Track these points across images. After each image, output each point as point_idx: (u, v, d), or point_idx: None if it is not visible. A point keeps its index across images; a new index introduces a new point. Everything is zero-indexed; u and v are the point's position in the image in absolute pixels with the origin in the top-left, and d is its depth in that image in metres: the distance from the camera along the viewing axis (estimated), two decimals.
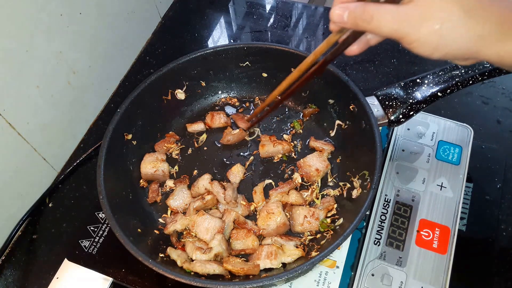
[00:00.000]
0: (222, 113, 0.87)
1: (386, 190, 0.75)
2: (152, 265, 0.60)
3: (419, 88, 0.73)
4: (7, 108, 0.70)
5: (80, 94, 0.88)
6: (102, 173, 0.69)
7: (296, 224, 0.72)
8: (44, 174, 0.84)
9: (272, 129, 0.87)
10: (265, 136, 0.83)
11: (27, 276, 0.76)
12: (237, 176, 0.79)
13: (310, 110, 0.86)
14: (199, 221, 0.71)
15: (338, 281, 0.67)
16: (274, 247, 0.68)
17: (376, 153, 0.67)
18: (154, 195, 0.78)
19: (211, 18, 1.13)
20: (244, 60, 0.86)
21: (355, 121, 0.76)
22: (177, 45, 1.08)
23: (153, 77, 0.80)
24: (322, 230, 0.71)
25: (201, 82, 0.88)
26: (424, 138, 0.80)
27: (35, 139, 0.78)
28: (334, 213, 0.73)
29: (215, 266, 0.65)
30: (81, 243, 0.73)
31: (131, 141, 0.80)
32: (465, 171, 0.76)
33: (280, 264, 0.67)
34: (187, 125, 0.87)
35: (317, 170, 0.77)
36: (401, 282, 0.66)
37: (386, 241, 0.70)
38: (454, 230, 0.70)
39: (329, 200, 0.74)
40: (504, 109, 0.89)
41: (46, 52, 0.76)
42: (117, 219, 0.65)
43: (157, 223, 0.76)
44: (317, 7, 1.15)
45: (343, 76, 0.76)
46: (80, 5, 0.81)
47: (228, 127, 0.86)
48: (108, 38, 0.92)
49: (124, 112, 0.77)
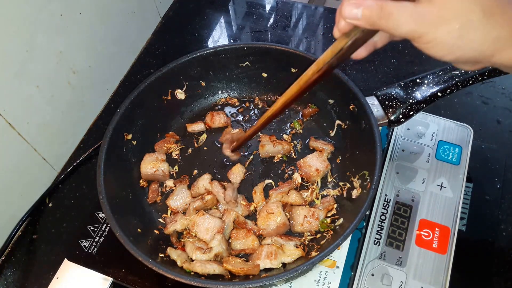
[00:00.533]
0: (222, 113, 0.87)
1: (386, 190, 0.75)
2: (152, 265, 0.60)
3: (419, 88, 0.73)
4: (7, 108, 0.70)
5: (80, 94, 0.88)
6: (102, 173, 0.69)
7: (296, 224, 0.72)
8: (44, 174, 0.84)
9: (272, 129, 0.87)
10: (265, 136, 0.83)
11: (27, 276, 0.76)
12: (237, 176, 0.79)
13: (310, 110, 0.86)
14: (199, 221, 0.71)
15: (338, 281, 0.67)
16: (274, 247, 0.68)
17: (376, 153, 0.67)
18: (154, 195, 0.78)
19: (211, 18, 1.13)
20: (244, 60, 0.86)
21: (355, 121, 0.76)
22: (177, 45, 1.08)
23: (153, 77, 0.80)
24: (322, 230, 0.71)
25: (201, 82, 0.88)
26: (424, 138, 0.80)
27: (35, 139, 0.78)
28: (334, 213, 0.73)
29: (215, 266, 0.65)
30: (81, 243, 0.73)
31: (131, 141, 0.80)
32: (465, 171, 0.76)
33: (280, 264, 0.67)
34: (187, 125, 0.87)
35: (317, 170, 0.77)
36: (401, 282, 0.66)
37: (386, 241, 0.70)
38: (454, 230, 0.70)
39: (329, 200, 0.74)
40: (504, 109, 0.89)
41: (46, 52, 0.76)
42: (117, 219, 0.65)
43: (157, 223, 0.76)
44: (317, 7, 1.15)
45: (343, 76, 0.76)
46: (80, 5, 0.81)
47: (228, 126, 0.86)
48: (108, 38, 0.92)
49: (124, 112, 0.77)
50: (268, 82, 0.89)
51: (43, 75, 0.77)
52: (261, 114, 0.88)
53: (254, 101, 0.91)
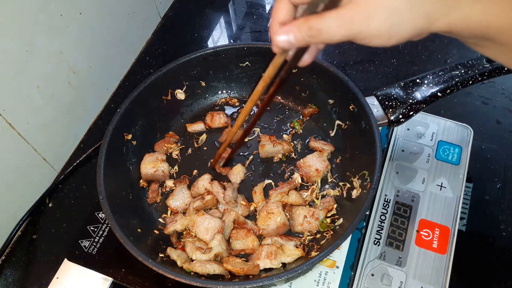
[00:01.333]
0: (222, 113, 0.87)
1: (386, 190, 0.75)
2: (152, 265, 0.60)
3: (419, 88, 0.73)
4: (7, 108, 0.70)
5: (80, 94, 0.88)
6: (102, 173, 0.69)
7: (296, 224, 0.72)
8: (44, 174, 0.84)
9: (272, 129, 0.87)
10: (265, 136, 0.83)
11: (27, 276, 0.76)
12: (238, 177, 0.79)
13: (310, 110, 0.86)
14: (199, 221, 0.72)
15: (338, 281, 0.67)
16: (274, 247, 0.68)
17: (376, 153, 0.67)
18: (154, 195, 0.78)
19: (211, 18, 1.13)
20: (244, 60, 0.86)
21: (355, 121, 0.76)
22: (177, 45, 1.08)
23: (153, 77, 0.80)
24: (322, 230, 0.71)
25: (201, 82, 0.88)
26: (424, 138, 0.80)
27: (35, 139, 0.78)
28: (334, 213, 0.73)
29: (215, 266, 0.65)
30: (81, 243, 0.73)
31: (131, 141, 0.80)
32: (464, 171, 0.76)
33: (280, 264, 0.67)
34: (187, 125, 0.87)
35: (317, 170, 0.77)
36: (400, 282, 0.66)
37: (386, 241, 0.70)
38: (454, 230, 0.70)
39: (329, 200, 0.74)
40: (503, 109, 0.89)
41: (46, 52, 0.76)
42: (117, 219, 0.65)
43: (157, 223, 0.76)
44: None
45: (342, 76, 0.76)
46: (80, 5, 0.81)
47: (228, 126, 0.86)
48: (108, 38, 0.92)
49: (124, 112, 0.77)
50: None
51: (43, 75, 0.77)
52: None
53: None
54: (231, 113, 0.90)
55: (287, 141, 0.83)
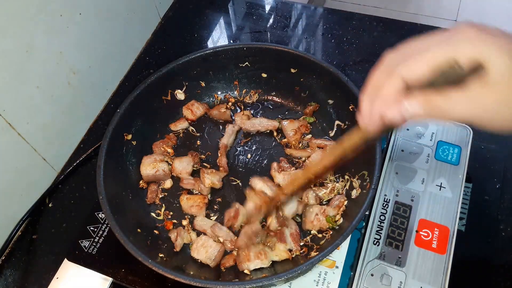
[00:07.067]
0: (195, 103, 0.87)
1: (386, 190, 0.75)
2: (152, 265, 0.60)
3: None
4: (7, 108, 0.71)
5: (80, 94, 0.88)
6: (102, 173, 0.69)
7: (307, 222, 0.71)
8: (44, 174, 0.84)
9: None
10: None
11: (27, 276, 0.76)
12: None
13: (311, 108, 0.85)
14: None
15: (337, 281, 0.67)
16: (261, 246, 0.68)
17: (375, 154, 0.67)
18: (153, 196, 0.78)
19: (211, 19, 1.13)
20: (243, 61, 0.86)
21: (354, 121, 0.76)
22: (177, 45, 1.08)
23: (153, 77, 0.80)
24: (331, 225, 0.71)
25: (201, 83, 0.88)
26: (423, 138, 0.80)
27: (35, 139, 0.78)
28: (344, 209, 0.73)
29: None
30: (81, 243, 0.73)
31: (131, 141, 0.80)
32: (464, 171, 0.76)
33: (270, 262, 0.67)
34: (171, 125, 0.86)
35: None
36: (400, 282, 0.66)
37: (385, 241, 0.70)
38: (453, 230, 0.70)
39: (339, 197, 0.74)
40: None
41: (46, 52, 0.76)
42: (117, 219, 0.65)
43: (157, 223, 0.76)
44: (317, 7, 1.15)
45: (342, 76, 0.76)
46: (80, 5, 0.81)
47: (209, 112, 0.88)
48: (108, 38, 0.92)
49: (124, 112, 0.77)
50: (267, 82, 0.89)
51: (43, 75, 0.77)
52: (261, 114, 0.88)
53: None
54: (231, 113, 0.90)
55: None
